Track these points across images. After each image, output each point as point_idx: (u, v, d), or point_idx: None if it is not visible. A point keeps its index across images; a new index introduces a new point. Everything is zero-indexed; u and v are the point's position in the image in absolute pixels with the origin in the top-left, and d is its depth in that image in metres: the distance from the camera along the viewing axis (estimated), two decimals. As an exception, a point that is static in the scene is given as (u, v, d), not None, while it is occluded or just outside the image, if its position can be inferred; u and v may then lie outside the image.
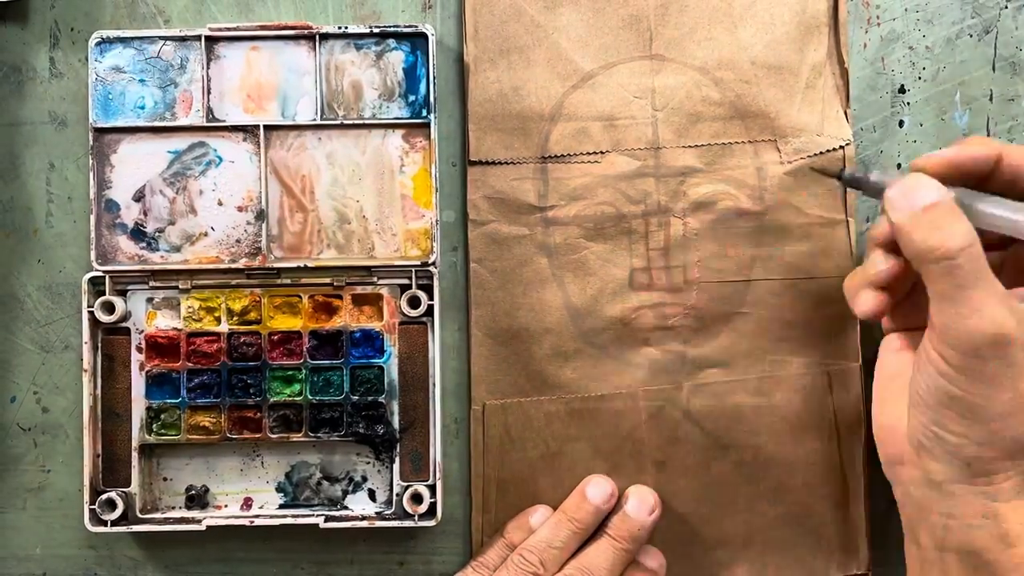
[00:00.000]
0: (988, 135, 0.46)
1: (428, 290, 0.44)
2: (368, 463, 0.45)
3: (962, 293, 0.34)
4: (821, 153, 0.44)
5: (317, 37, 0.44)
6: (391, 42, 0.44)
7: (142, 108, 0.44)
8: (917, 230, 0.35)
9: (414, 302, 0.44)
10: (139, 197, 0.44)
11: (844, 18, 0.45)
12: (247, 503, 0.45)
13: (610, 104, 0.45)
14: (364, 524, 0.44)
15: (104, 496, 0.44)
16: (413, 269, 0.44)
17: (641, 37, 0.45)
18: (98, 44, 0.44)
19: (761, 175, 0.44)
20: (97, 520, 0.43)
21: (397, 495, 0.44)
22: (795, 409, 0.44)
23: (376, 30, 0.44)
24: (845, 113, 0.45)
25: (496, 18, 0.45)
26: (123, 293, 0.44)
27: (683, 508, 0.45)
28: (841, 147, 0.44)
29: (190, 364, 0.44)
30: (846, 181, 0.41)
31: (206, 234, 0.44)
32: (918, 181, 0.37)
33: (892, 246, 0.38)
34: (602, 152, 0.45)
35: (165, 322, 0.45)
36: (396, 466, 0.44)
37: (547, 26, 0.45)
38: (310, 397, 0.44)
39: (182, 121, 0.44)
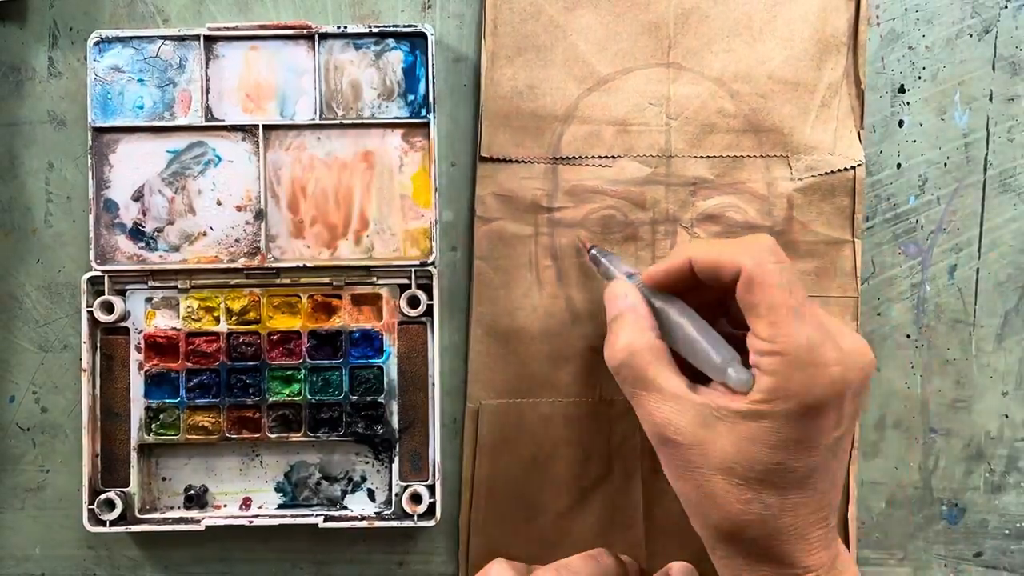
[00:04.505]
0: (988, 135, 0.46)
1: (427, 290, 0.44)
2: (367, 463, 0.45)
3: (633, 397, 0.38)
4: (832, 172, 0.44)
5: (316, 37, 0.44)
6: (390, 42, 0.44)
7: (141, 108, 0.44)
8: (608, 336, 0.39)
9: (413, 302, 0.44)
10: (138, 197, 0.44)
11: (863, 39, 0.45)
12: (246, 503, 0.45)
13: (624, 109, 0.45)
14: (363, 524, 0.44)
15: (103, 496, 0.43)
16: (412, 269, 0.44)
17: (660, 44, 0.45)
18: (97, 44, 0.44)
19: (771, 190, 0.44)
20: (96, 520, 0.43)
21: (396, 495, 0.44)
22: None
23: (375, 30, 0.44)
24: (859, 134, 0.45)
25: (516, 15, 0.45)
26: (122, 293, 0.44)
27: (671, 518, 0.45)
28: (852, 167, 0.44)
29: (189, 364, 0.44)
30: (591, 257, 0.43)
31: (205, 234, 0.44)
32: (615, 288, 0.40)
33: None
34: (613, 157, 0.45)
35: (164, 322, 0.44)
36: (395, 466, 0.44)
37: (566, 27, 0.45)
38: (309, 397, 0.44)
39: (181, 121, 0.44)
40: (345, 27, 0.44)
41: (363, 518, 0.44)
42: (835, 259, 0.45)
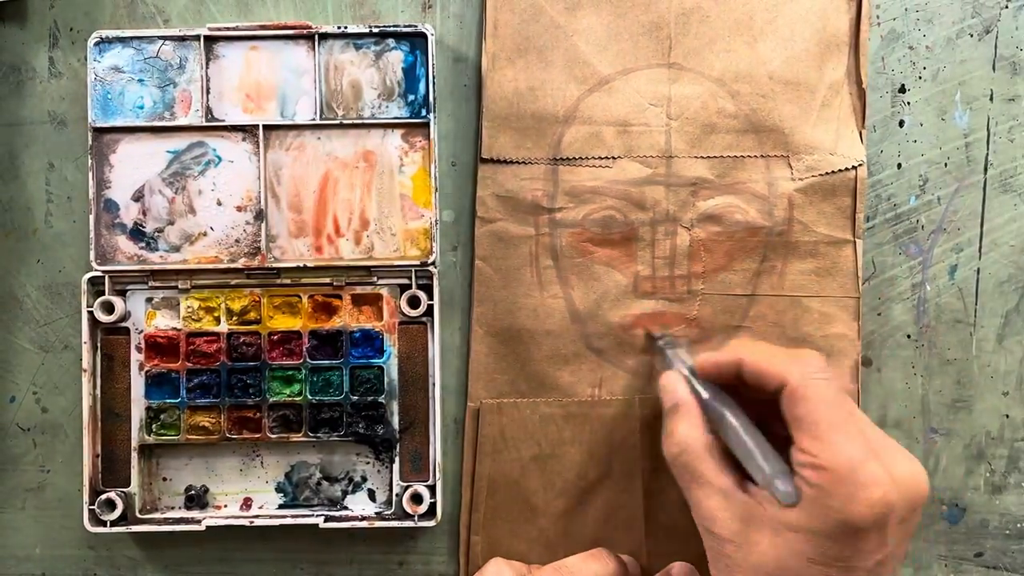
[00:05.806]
0: (988, 135, 0.46)
1: (428, 290, 0.44)
2: (368, 463, 0.45)
3: (685, 489, 0.38)
4: (833, 172, 0.44)
5: (316, 37, 0.44)
6: (390, 42, 0.44)
7: (141, 108, 0.44)
8: (664, 427, 0.40)
9: (414, 302, 0.44)
10: (138, 197, 0.44)
11: (865, 38, 0.45)
12: (247, 503, 0.45)
13: (625, 110, 0.45)
14: (364, 524, 0.44)
15: (103, 496, 0.44)
16: (413, 269, 0.44)
17: (660, 45, 0.45)
18: (97, 44, 0.44)
19: (772, 190, 0.44)
20: (96, 520, 0.43)
21: (397, 495, 0.44)
22: None
23: (375, 30, 0.44)
24: (860, 133, 0.45)
25: (516, 17, 0.45)
26: (122, 293, 0.44)
27: (671, 518, 0.45)
28: (853, 167, 0.44)
29: (189, 364, 0.44)
30: (657, 348, 0.44)
31: (205, 234, 0.44)
32: (669, 381, 0.40)
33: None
34: (614, 157, 0.45)
35: (164, 322, 0.44)
36: (396, 466, 0.44)
37: (567, 28, 0.45)
38: (310, 397, 0.44)
39: (181, 121, 0.44)
40: (345, 27, 0.44)
41: (363, 518, 0.44)
42: (836, 259, 0.45)
